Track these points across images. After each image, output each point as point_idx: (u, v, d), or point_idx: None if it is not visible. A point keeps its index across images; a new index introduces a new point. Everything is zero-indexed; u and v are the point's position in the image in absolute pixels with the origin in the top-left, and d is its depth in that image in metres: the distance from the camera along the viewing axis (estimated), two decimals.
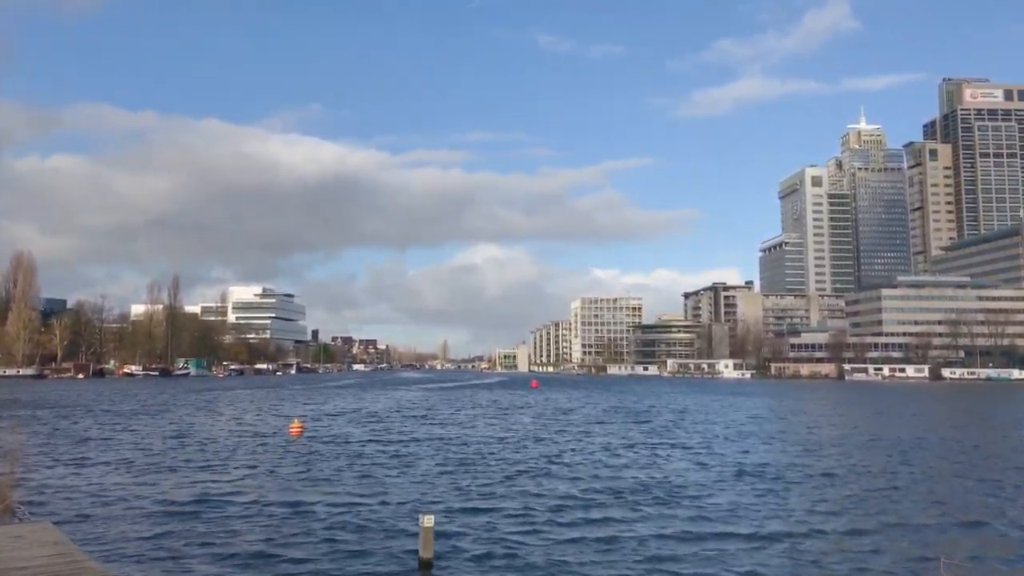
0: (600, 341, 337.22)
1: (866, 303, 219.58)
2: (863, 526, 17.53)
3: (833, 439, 37.49)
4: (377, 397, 79.95)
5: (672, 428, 43.74)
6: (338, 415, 51.83)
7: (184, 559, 14.25)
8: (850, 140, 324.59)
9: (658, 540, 15.95)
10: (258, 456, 28.71)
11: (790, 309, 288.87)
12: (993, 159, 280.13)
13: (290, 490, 21.44)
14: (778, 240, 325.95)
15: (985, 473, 26.19)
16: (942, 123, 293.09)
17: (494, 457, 29.05)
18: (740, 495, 21.22)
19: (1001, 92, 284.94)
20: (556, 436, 37.99)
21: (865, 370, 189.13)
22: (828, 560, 14.64)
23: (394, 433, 38.76)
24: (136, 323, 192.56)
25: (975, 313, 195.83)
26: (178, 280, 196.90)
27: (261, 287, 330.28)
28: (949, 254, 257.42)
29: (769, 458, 29.45)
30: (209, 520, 17.45)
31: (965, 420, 54.97)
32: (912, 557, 14.84)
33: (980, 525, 17.87)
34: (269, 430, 39.59)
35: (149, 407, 58.67)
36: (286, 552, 14.82)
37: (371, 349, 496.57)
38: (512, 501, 20.00)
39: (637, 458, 29.21)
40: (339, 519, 17.73)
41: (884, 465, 27.79)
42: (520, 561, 14.42)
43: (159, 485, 22.04)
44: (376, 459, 28.05)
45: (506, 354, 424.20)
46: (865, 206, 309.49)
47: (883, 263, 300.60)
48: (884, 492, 22.03)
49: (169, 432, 38.06)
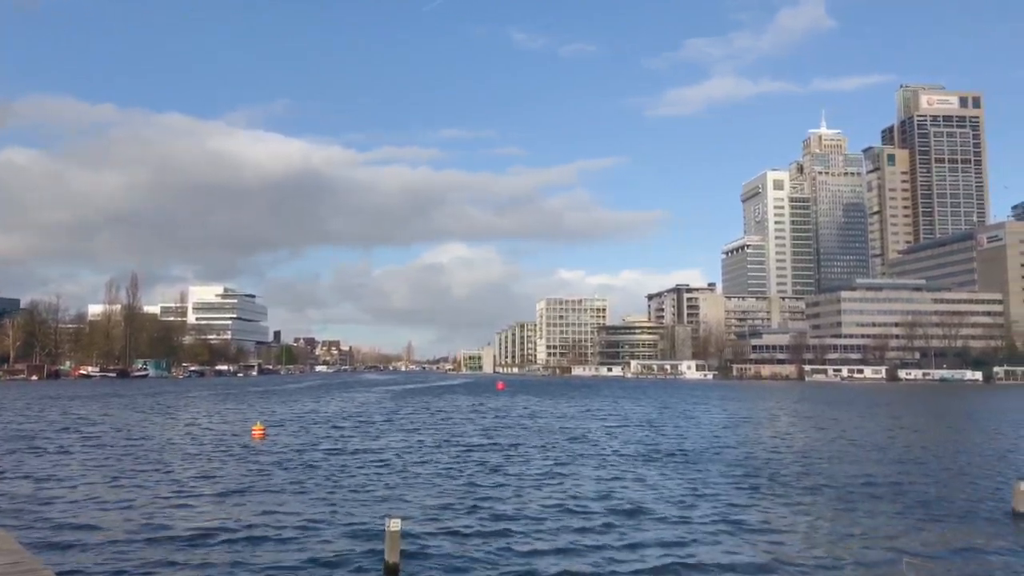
0: (565, 342, 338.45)
1: (826, 305, 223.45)
2: (824, 527, 17.72)
3: (795, 443, 37.96)
4: (334, 399, 79.28)
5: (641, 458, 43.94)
6: (300, 417, 51.24)
7: (141, 566, 13.91)
8: (811, 144, 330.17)
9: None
10: (218, 460, 28.21)
11: (752, 311, 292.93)
12: (948, 165, 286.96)
13: (251, 494, 21.09)
14: (740, 243, 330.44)
15: (935, 471, 26.73)
16: (900, 129, 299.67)
17: (463, 464, 28.90)
18: (692, 498, 21.38)
19: (956, 99, 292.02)
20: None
21: (824, 371, 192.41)
22: (789, 562, 14.73)
23: (356, 438, 38.39)
24: (93, 323, 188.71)
25: (930, 315, 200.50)
26: (137, 279, 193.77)
27: (222, 287, 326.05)
28: (906, 257, 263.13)
29: (732, 459, 29.74)
30: (164, 526, 17.08)
31: (922, 420, 56.13)
32: (874, 558, 15.00)
33: (937, 521, 18.19)
34: (230, 433, 38.96)
35: (91, 408, 57.48)
36: (246, 558, 14.55)
37: (334, 350, 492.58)
38: (480, 509, 19.89)
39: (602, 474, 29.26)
40: (302, 524, 17.46)
41: (842, 466, 28.22)
42: (487, 566, 14.33)
43: (114, 492, 21.53)
44: (338, 463, 27.73)
45: (471, 355, 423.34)
46: (825, 209, 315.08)
47: (843, 266, 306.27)
48: (843, 493, 22.33)
49: (126, 437, 37.24)
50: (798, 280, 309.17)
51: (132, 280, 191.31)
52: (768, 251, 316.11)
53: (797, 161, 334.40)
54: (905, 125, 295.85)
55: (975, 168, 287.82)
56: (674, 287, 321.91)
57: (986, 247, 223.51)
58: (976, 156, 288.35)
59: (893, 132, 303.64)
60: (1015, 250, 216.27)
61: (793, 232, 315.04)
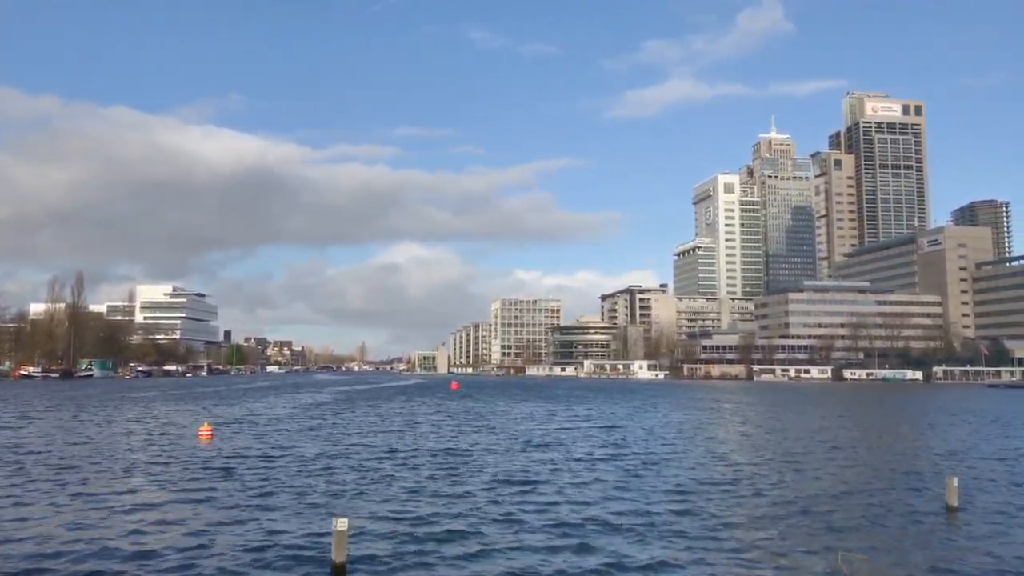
0: (519, 342, 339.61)
1: (774, 307, 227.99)
2: (759, 524, 18.11)
3: (738, 447, 38.70)
4: (281, 400, 78.37)
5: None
6: (249, 418, 50.52)
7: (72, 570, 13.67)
8: (761, 149, 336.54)
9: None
10: (163, 462, 27.68)
11: (702, 312, 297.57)
12: (891, 170, 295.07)
13: (197, 497, 20.77)
14: (691, 245, 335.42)
15: (873, 467, 27.57)
16: (846, 135, 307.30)
17: (412, 463, 28.88)
18: (632, 499, 21.73)
19: (900, 107, 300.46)
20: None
21: (772, 371, 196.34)
22: (726, 561, 15.03)
23: (303, 440, 38.04)
24: (35, 322, 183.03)
25: (874, 317, 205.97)
26: (82, 277, 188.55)
27: (171, 286, 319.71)
28: (851, 260, 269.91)
29: (673, 463, 30.22)
30: (110, 529, 16.76)
31: (862, 419, 57.67)
32: (810, 554, 15.41)
33: (873, 517, 18.76)
34: (178, 433, 38.25)
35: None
36: (193, 560, 14.37)
37: (286, 350, 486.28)
38: (428, 507, 19.93)
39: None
40: (249, 526, 17.29)
41: (774, 466, 28.90)
42: (434, 566, 14.40)
43: (50, 496, 21.02)
44: (284, 464, 27.45)
45: (425, 355, 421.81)
46: (775, 213, 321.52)
47: (791, 268, 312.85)
48: (775, 492, 22.87)
49: (65, 439, 36.30)
50: (748, 282, 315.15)
51: (77, 278, 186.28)
52: (719, 253, 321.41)
53: (747, 165, 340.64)
54: (851, 131, 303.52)
55: (916, 174, 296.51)
56: (627, 288, 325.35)
57: (926, 251, 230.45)
58: (918, 162, 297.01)
59: (840, 138, 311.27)
60: (953, 254, 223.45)
61: (743, 235, 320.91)
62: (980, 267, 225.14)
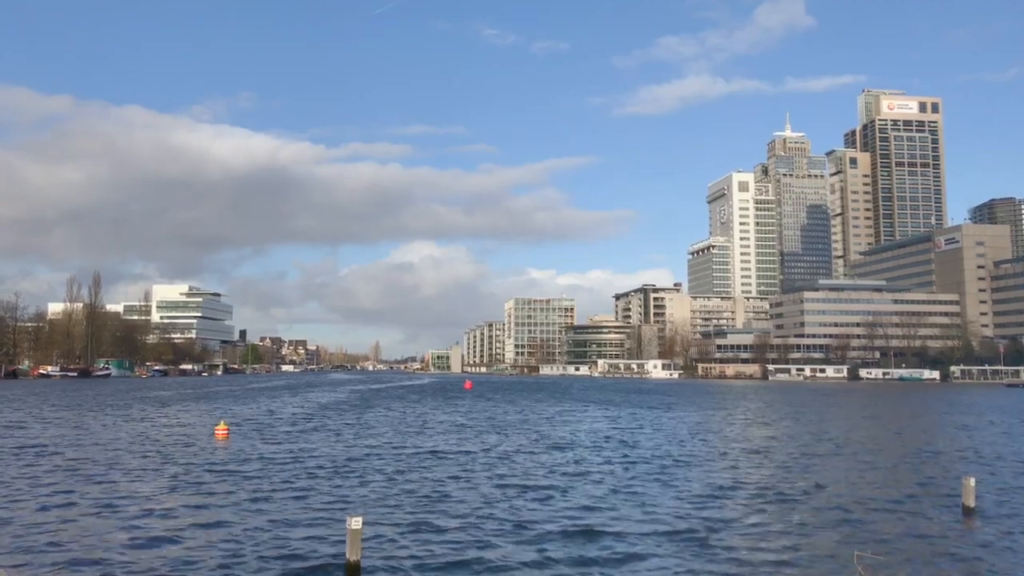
0: (533, 341, 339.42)
1: (789, 306, 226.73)
2: (775, 527, 18.07)
3: (750, 445, 38.57)
4: (296, 399, 78.78)
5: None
6: (265, 417, 50.84)
7: (101, 570, 13.84)
8: (776, 147, 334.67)
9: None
10: (180, 461, 27.93)
11: (717, 311, 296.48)
12: (908, 168, 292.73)
13: (213, 495, 20.95)
14: (706, 243, 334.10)
15: (890, 467, 27.43)
16: (862, 132, 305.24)
17: (427, 463, 28.98)
18: (650, 497, 21.73)
19: (916, 104, 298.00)
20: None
21: (787, 370, 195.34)
22: (742, 563, 15.04)
23: (319, 439, 38.22)
24: (53, 322, 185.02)
25: (890, 316, 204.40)
26: (99, 277, 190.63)
27: (187, 285, 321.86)
28: (867, 259, 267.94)
29: (686, 461, 30.18)
30: (127, 527, 16.96)
31: (880, 418, 57.31)
32: (826, 553, 15.38)
33: (890, 516, 18.68)
34: (194, 432, 38.56)
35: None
36: (204, 558, 14.52)
37: (301, 350, 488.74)
38: (444, 509, 20.01)
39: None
40: (264, 523, 17.43)
41: (797, 461, 28.80)
42: (448, 567, 14.47)
43: (74, 494, 21.27)
44: (301, 463, 27.62)
45: (439, 355, 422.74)
46: (789, 211, 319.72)
47: (806, 267, 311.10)
48: (792, 491, 22.81)
49: (82, 438, 36.68)
50: (762, 280, 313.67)
51: (94, 278, 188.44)
52: (733, 252, 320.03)
53: (762, 163, 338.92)
54: (867, 129, 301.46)
55: (933, 172, 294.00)
56: (641, 287, 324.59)
57: (943, 249, 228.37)
58: (935, 160, 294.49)
59: (855, 135, 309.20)
60: (971, 252, 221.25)
61: (758, 233, 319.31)
62: (998, 265, 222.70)
